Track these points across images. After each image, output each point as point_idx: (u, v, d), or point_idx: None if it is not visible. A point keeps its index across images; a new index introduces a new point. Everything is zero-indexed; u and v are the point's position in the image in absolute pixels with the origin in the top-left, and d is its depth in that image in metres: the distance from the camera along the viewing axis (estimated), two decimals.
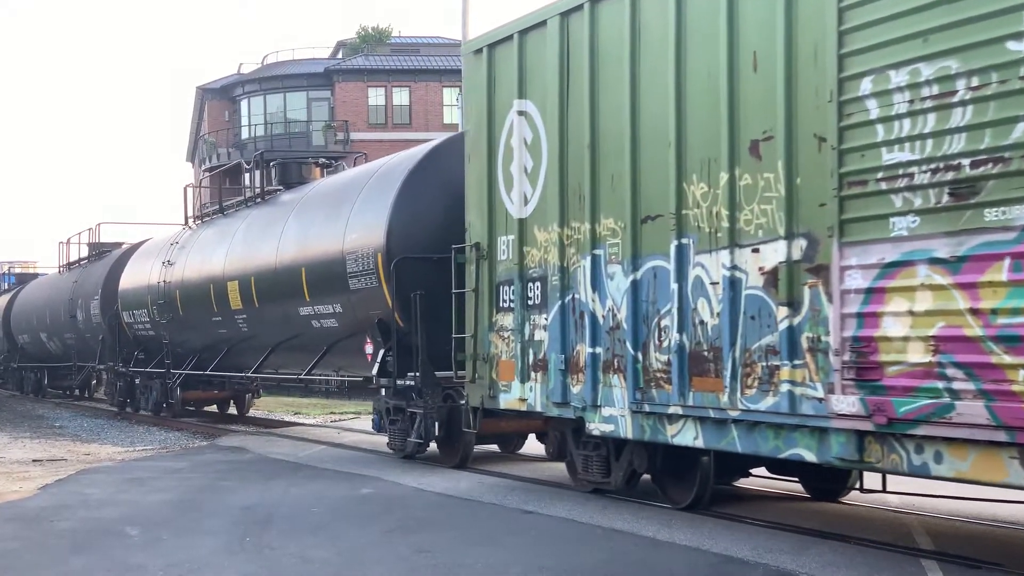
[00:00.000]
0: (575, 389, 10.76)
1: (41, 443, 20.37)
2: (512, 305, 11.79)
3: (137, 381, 26.46)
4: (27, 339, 38.17)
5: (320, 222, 16.56)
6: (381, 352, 14.78)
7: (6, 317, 40.87)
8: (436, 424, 13.83)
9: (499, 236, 12.06)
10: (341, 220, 15.72)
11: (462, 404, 13.83)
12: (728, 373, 8.87)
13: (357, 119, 48.31)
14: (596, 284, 10.48)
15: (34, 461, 16.82)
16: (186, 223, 24.27)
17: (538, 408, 11.36)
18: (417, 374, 13.91)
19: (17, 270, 56.91)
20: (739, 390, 8.78)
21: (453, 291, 12.85)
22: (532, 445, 15.67)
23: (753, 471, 11.21)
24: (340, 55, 55.72)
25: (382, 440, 19.66)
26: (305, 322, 16.98)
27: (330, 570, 8.30)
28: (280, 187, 20.26)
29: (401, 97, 49.14)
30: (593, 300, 10.51)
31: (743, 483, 11.62)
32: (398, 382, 14.28)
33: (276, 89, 50.91)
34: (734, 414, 8.81)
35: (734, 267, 8.87)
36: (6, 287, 50.29)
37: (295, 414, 27.08)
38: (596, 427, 10.50)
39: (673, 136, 9.48)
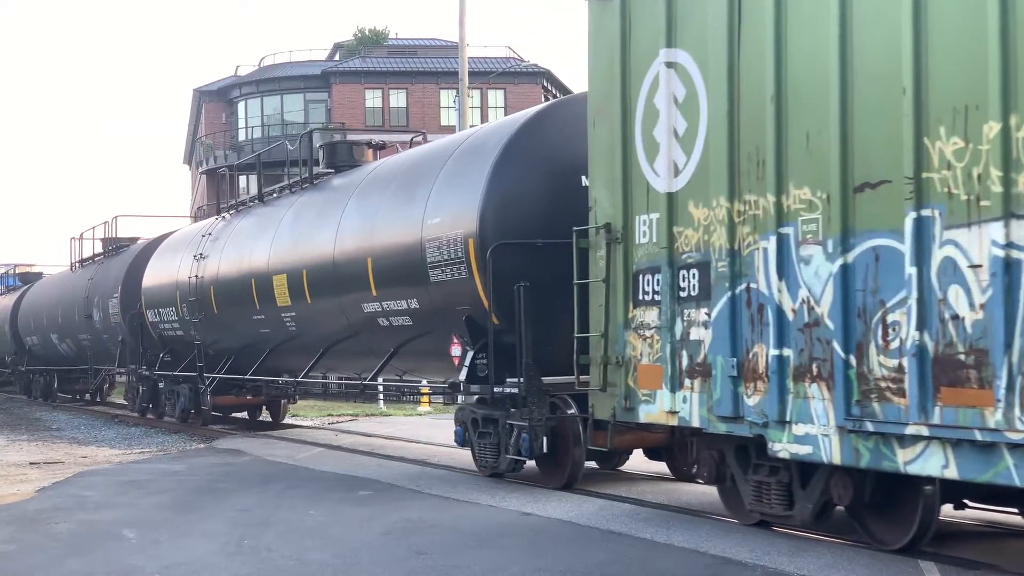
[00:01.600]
0: (751, 400, 8.70)
1: (38, 446, 20.09)
2: (657, 298, 9.73)
3: (161, 385, 24.38)
4: (36, 340, 36.03)
5: (389, 206, 14.48)
6: (470, 354, 12.71)
7: (13, 318, 38.68)
8: (544, 438, 11.76)
9: (638, 215, 10.00)
10: (418, 203, 13.64)
11: (570, 414, 11.84)
12: (1002, 383, 6.79)
13: (354, 121, 47.84)
14: (783, 270, 8.41)
15: (31, 464, 16.63)
16: (218, 213, 22.20)
17: (695, 423, 9.30)
18: (520, 380, 11.82)
19: (14, 271, 54.18)
20: (1018, 406, 6.72)
21: (575, 282, 10.79)
22: (637, 462, 13.62)
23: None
24: (337, 57, 56.27)
25: (384, 442, 18.98)
26: (369, 320, 14.91)
27: (327, 571, 8.17)
28: (331, 170, 18.19)
29: (398, 99, 49.31)
30: (779, 290, 8.44)
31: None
32: (496, 389, 12.20)
33: (273, 91, 51.13)
34: (1015, 437, 6.74)
35: (1009, 244, 6.79)
36: (2, 289, 48.33)
37: (292, 416, 25.76)
38: (784, 448, 8.43)
39: (909, 78, 7.40)
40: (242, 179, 52.35)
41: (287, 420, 24.14)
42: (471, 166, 12.85)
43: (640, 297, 9.95)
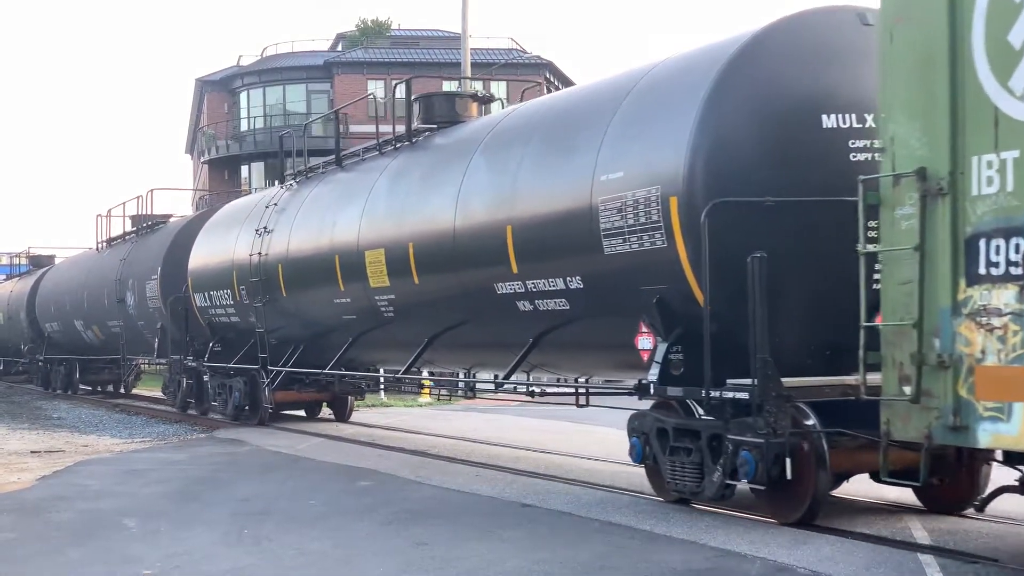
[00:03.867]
0: None
1: (39, 434, 19.90)
2: (1014, 271, 6.86)
3: (206, 378, 21.50)
4: (56, 327, 33.10)
5: (536, 161, 11.57)
6: (663, 348, 9.86)
7: (30, 303, 35.70)
8: (787, 460, 8.88)
9: (976, 155, 7.12)
10: (583, 154, 10.75)
11: (809, 427, 9.03)
12: None
13: (357, 111, 45.99)
14: None
15: (32, 452, 16.54)
16: (282, 181, 19.31)
17: None
18: (754, 382, 8.93)
19: (28, 254, 50.75)
20: None
21: (860, 251, 7.92)
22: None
23: None
24: (339, 47, 56.00)
25: (382, 434, 17.98)
26: (505, 304, 12.01)
27: (328, 561, 8.15)
28: (430, 126, 15.31)
29: (400, 90, 46.70)
30: None
31: None
32: (713, 394, 9.33)
33: (275, 81, 51.16)
34: None
35: None
36: (2, 278, 45.54)
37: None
38: None
39: None
40: (243, 169, 50.70)
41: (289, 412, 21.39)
42: (667, 105, 9.95)
43: (981, 271, 7.07)
